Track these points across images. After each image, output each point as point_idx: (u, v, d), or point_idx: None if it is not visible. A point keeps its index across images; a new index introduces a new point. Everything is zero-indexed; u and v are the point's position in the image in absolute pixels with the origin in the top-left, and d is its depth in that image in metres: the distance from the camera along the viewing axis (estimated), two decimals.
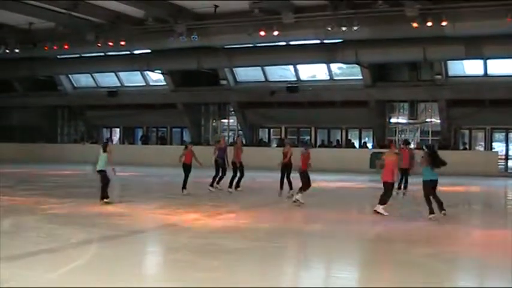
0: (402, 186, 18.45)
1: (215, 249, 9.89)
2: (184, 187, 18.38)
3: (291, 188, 17.64)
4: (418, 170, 14.71)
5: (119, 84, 40.37)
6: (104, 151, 16.47)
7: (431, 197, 13.72)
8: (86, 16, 29.26)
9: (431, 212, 13.51)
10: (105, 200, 15.67)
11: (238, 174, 19.36)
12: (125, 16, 29.86)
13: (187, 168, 18.66)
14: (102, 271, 8.28)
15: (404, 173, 18.12)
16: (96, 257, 9.27)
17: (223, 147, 19.88)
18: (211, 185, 19.31)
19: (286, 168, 17.76)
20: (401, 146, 20.03)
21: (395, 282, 7.92)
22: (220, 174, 19.45)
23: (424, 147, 16.41)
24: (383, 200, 14.18)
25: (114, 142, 44.27)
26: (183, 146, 20.11)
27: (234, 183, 19.26)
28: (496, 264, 9.23)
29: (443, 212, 13.57)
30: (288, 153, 17.75)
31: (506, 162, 33.67)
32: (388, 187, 14.39)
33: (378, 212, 14.02)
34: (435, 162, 13.81)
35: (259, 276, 8.16)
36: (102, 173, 16.11)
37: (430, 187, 13.76)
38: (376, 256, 9.98)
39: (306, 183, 16.06)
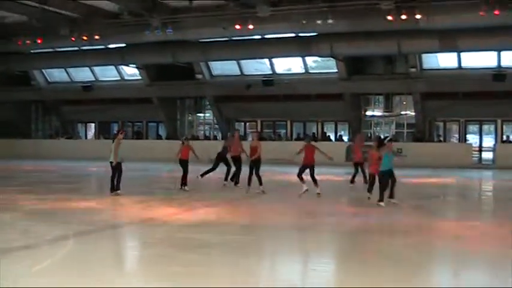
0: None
1: (192, 243, 9.88)
2: (185, 184, 17.78)
3: (260, 183, 17.25)
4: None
5: (93, 79, 40.01)
6: (113, 141, 17.06)
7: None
8: (60, 10, 28.94)
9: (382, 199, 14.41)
10: (117, 191, 16.35)
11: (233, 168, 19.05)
12: (99, 10, 29.60)
13: (184, 164, 18.00)
14: (79, 267, 8.22)
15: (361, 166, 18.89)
16: (72, 253, 9.20)
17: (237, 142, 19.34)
18: (232, 180, 19.02)
19: (255, 164, 17.38)
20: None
21: (373, 273, 7.96)
22: (239, 169, 19.03)
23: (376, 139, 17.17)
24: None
25: (89, 137, 44.10)
26: (180, 142, 19.17)
27: (229, 177, 19.03)
28: (471, 253, 9.35)
29: (393, 201, 14.59)
30: (258, 148, 17.36)
31: (480, 154, 34.06)
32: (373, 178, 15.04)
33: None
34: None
35: (237, 269, 8.16)
36: (112, 164, 16.60)
37: (388, 177, 14.45)
38: (354, 248, 10.03)
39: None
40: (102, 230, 11.20)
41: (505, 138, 33.28)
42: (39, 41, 32.08)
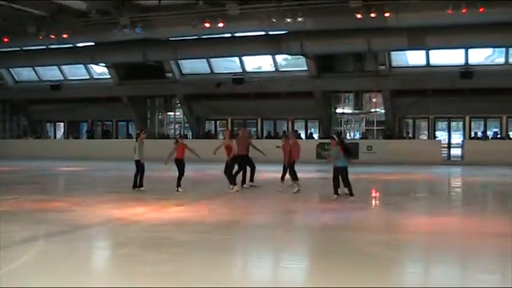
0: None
1: (163, 242, 9.82)
2: (178, 185, 17.13)
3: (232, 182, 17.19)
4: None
5: (62, 78, 39.66)
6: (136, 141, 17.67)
7: (337, 181, 15.12)
8: (27, 8, 28.58)
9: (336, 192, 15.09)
10: (141, 188, 17.27)
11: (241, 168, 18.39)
12: (67, 8, 29.31)
13: (180, 164, 17.25)
14: (48, 268, 8.13)
15: None
16: (41, 254, 9.11)
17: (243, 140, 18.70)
18: (251, 180, 18.59)
19: (234, 161, 17.44)
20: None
21: (344, 271, 7.99)
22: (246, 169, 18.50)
23: (334, 136, 17.44)
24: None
25: (58, 137, 43.66)
26: (174, 141, 18.16)
27: (245, 177, 18.47)
28: (441, 249, 9.42)
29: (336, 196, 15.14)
30: (232, 148, 17.38)
31: (449, 151, 34.46)
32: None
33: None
34: (347, 152, 15.33)
35: (209, 268, 8.13)
36: (137, 162, 17.54)
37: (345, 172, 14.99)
38: (324, 245, 10.06)
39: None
40: (72, 230, 11.08)
41: (473, 134, 33.67)
42: (5, 40, 31.68)
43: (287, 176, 17.07)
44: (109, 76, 38.17)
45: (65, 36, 30.05)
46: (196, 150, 17.60)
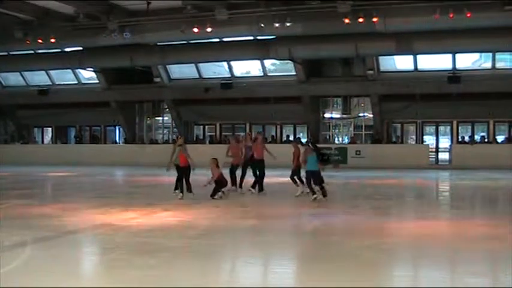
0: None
1: (152, 248, 9.78)
2: (176, 188, 17.00)
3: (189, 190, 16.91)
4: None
5: (50, 83, 39.49)
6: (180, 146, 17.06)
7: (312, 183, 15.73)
8: (14, 12, 28.46)
9: (314, 193, 15.64)
10: (190, 193, 16.58)
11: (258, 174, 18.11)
12: (54, 13, 29.25)
13: (184, 170, 16.82)
14: (37, 273, 8.06)
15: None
16: (30, 260, 9.03)
17: (250, 144, 18.49)
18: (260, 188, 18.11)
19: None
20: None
21: (334, 274, 7.98)
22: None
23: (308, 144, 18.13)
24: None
25: (46, 142, 43.45)
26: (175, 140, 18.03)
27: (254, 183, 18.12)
28: (429, 253, 9.43)
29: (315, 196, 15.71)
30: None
31: (437, 155, 34.60)
32: None
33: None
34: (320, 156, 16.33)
35: (197, 273, 8.10)
36: (176, 166, 16.91)
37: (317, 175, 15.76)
38: (313, 249, 10.05)
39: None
40: (60, 235, 11.02)
41: (460, 139, 33.83)
42: None
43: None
44: (97, 81, 38.07)
45: (52, 40, 29.89)
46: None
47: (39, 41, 30.02)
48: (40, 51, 34.28)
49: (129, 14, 29.01)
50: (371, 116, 34.99)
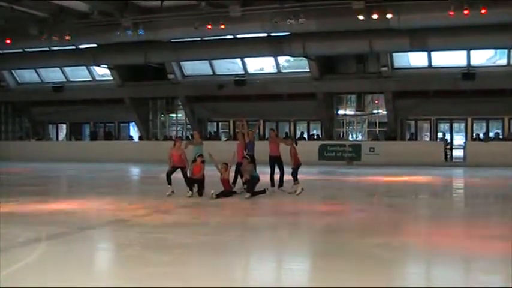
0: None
1: (166, 244, 9.82)
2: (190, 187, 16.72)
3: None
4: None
5: (64, 80, 39.66)
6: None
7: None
8: (29, 10, 28.58)
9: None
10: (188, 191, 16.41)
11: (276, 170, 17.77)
12: (69, 10, 29.30)
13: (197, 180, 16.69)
14: (52, 270, 8.13)
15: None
16: (45, 256, 9.10)
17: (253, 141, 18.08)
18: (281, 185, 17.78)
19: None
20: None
21: (346, 272, 7.98)
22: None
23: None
24: None
25: (60, 138, 43.66)
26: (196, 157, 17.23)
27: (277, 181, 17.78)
28: (443, 252, 9.38)
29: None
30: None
31: (451, 152, 34.38)
32: None
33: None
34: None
35: (211, 270, 8.13)
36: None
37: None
38: (326, 246, 10.04)
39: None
40: (75, 232, 11.09)
41: (474, 136, 33.64)
42: (8, 42, 31.64)
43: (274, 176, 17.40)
44: (111, 78, 38.17)
45: (67, 37, 29.96)
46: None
47: (54, 38, 30.10)
48: (55, 48, 34.48)
49: (143, 11, 29.03)
50: (385, 113, 34.85)
